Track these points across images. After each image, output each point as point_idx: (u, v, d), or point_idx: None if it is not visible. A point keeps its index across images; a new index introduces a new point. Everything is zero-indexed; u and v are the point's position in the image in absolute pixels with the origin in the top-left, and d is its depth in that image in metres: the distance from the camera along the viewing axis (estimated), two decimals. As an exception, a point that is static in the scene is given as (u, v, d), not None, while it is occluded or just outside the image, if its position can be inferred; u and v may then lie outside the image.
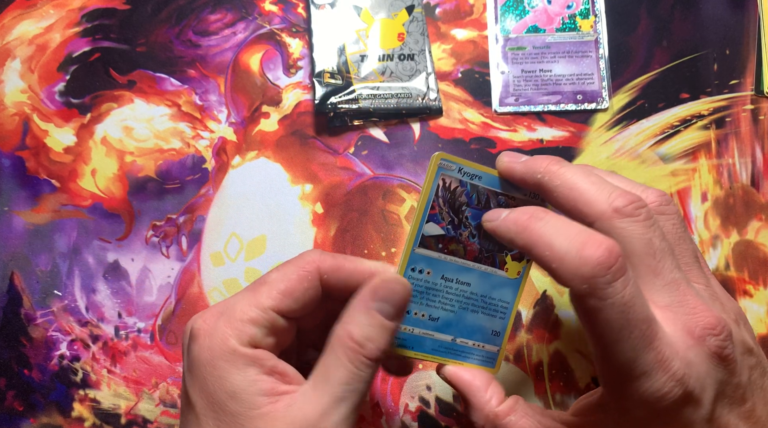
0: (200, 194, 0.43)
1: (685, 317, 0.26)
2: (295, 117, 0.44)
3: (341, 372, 0.27)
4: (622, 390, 0.25)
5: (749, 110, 0.44)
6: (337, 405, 0.27)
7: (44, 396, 0.41)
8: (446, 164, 0.30)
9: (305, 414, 0.26)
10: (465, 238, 0.31)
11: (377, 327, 0.27)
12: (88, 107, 0.44)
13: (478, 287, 0.32)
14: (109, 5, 0.45)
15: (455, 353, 0.32)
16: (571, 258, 0.24)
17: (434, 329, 0.32)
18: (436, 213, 0.31)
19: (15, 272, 0.42)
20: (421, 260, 0.31)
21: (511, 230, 0.27)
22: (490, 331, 0.32)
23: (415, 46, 0.44)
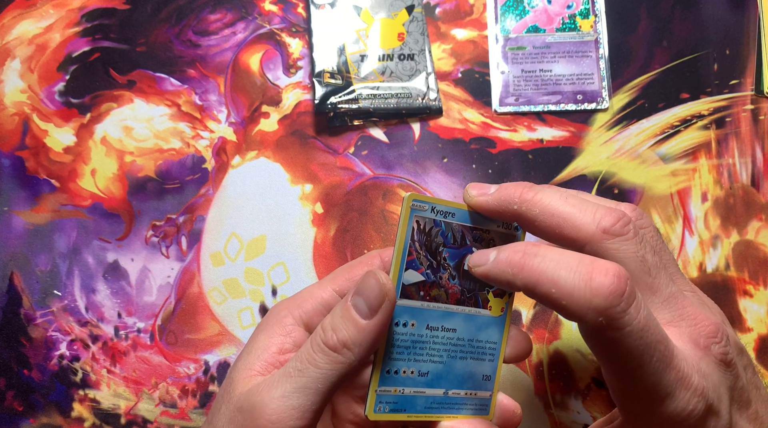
0: (200, 194, 0.43)
1: (689, 329, 0.25)
2: (295, 117, 0.44)
3: (302, 350, 0.27)
4: (647, 416, 0.25)
5: (749, 110, 0.44)
6: (283, 381, 0.27)
7: (44, 396, 0.41)
8: (419, 205, 0.28)
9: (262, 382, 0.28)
10: (445, 281, 0.29)
11: (346, 320, 0.27)
12: (88, 107, 0.44)
13: (464, 331, 0.30)
14: (108, 5, 0.45)
15: (448, 406, 0.30)
16: (581, 292, 0.23)
17: (425, 385, 0.29)
18: (414, 259, 0.29)
19: (15, 272, 0.42)
20: (404, 312, 0.29)
21: (508, 272, 0.25)
22: (481, 376, 0.30)
23: (415, 46, 0.44)
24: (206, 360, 0.41)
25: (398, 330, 0.29)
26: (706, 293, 0.30)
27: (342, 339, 0.27)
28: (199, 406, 0.41)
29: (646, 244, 0.26)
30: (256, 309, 0.42)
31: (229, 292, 0.42)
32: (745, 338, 0.41)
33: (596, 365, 0.41)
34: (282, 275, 0.42)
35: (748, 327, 0.41)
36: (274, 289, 0.42)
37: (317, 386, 0.27)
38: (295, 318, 0.30)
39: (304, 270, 0.42)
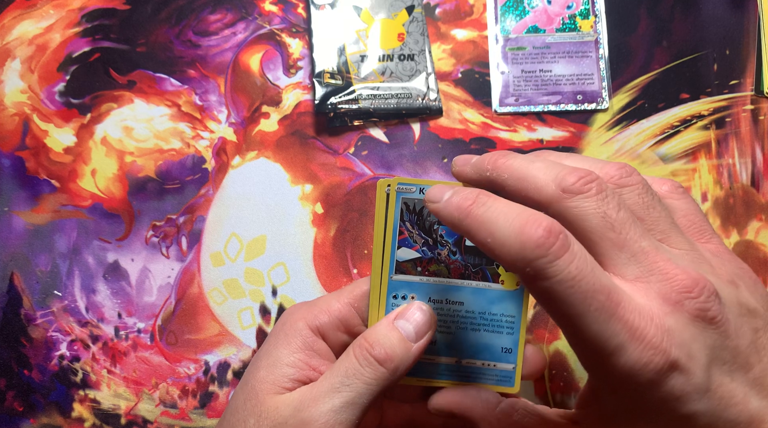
0: (200, 195, 0.43)
1: (658, 285, 0.24)
2: (295, 117, 0.44)
3: (344, 364, 0.29)
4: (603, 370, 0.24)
5: (749, 110, 0.44)
6: (330, 395, 0.28)
7: (44, 397, 0.41)
8: (405, 187, 0.30)
9: (302, 396, 0.29)
10: (445, 257, 0.30)
11: (394, 338, 0.29)
12: (88, 107, 0.44)
13: (473, 304, 0.31)
14: (109, 5, 0.45)
15: (464, 375, 0.31)
16: (511, 243, 0.23)
17: (433, 353, 0.31)
18: (406, 237, 0.30)
19: (15, 272, 0.42)
20: (401, 286, 0.30)
21: (454, 215, 0.25)
22: (500, 348, 0.31)
23: (415, 47, 0.44)
24: (206, 361, 0.41)
25: (396, 302, 0.30)
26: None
27: (390, 354, 0.28)
28: (199, 406, 0.41)
29: (613, 201, 0.25)
30: (256, 309, 0.42)
31: (229, 292, 0.42)
32: (745, 338, 0.41)
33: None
34: (282, 275, 0.42)
35: (748, 327, 0.41)
36: (274, 289, 0.42)
37: (362, 400, 0.28)
38: (312, 330, 0.31)
39: (304, 270, 0.42)
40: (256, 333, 0.41)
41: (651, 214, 0.27)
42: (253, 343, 0.41)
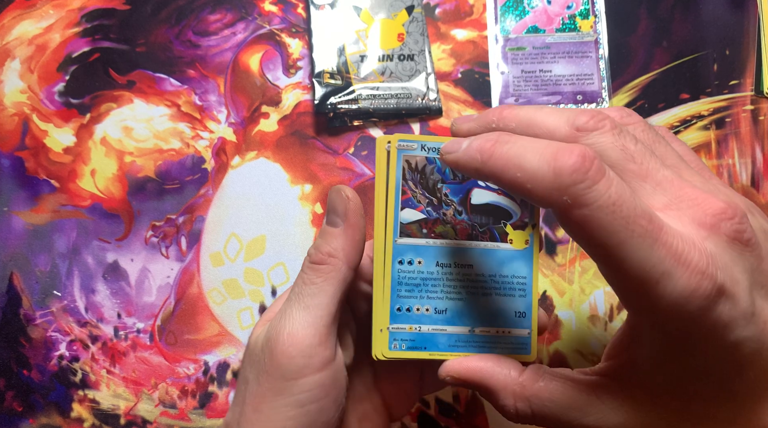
0: (200, 195, 0.43)
1: (690, 210, 0.23)
2: (295, 117, 0.44)
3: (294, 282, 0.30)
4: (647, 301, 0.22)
5: (749, 110, 0.44)
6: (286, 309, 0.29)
7: (43, 397, 0.41)
8: (406, 144, 0.28)
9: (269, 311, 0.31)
10: (451, 217, 0.29)
11: (324, 235, 0.29)
12: (88, 107, 0.44)
13: (483, 266, 0.29)
14: (108, 5, 0.45)
15: (479, 345, 0.29)
16: (544, 173, 0.22)
17: (445, 322, 0.29)
18: (409, 198, 0.28)
19: (14, 272, 0.42)
20: (406, 250, 0.29)
21: (476, 159, 0.24)
22: (513, 313, 0.29)
23: (415, 47, 0.44)
24: (206, 361, 0.41)
25: (402, 268, 0.29)
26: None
27: (325, 251, 0.29)
28: (199, 407, 0.41)
29: (629, 134, 0.25)
30: (256, 310, 0.42)
31: (229, 292, 0.42)
32: (745, 338, 0.41)
33: (596, 365, 0.41)
34: (282, 275, 0.42)
35: (748, 327, 0.41)
36: (274, 289, 0.42)
37: (319, 300, 0.28)
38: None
39: (304, 271, 0.42)
40: (255, 333, 0.41)
41: (659, 149, 0.26)
42: (252, 343, 0.41)
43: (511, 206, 0.29)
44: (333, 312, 0.28)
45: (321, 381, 0.27)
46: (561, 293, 0.42)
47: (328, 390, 0.28)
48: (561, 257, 0.42)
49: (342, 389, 0.29)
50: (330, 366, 0.28)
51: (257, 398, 0.28)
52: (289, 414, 0.27)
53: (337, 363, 0.29)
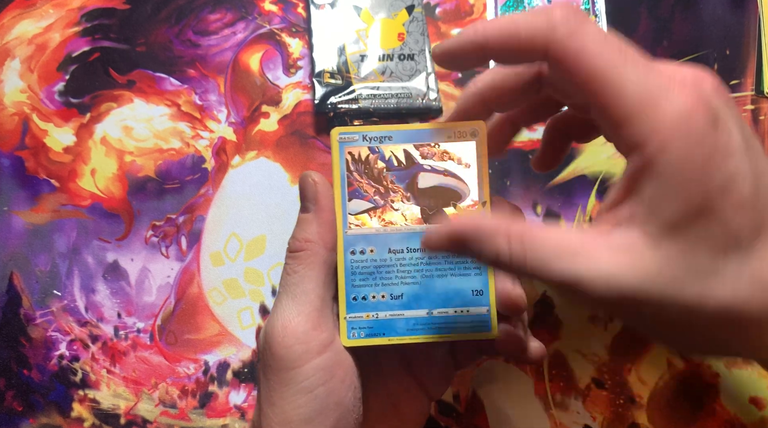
0: (200, 194, 0.43)
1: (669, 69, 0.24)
2: (295, 117, 0.44)
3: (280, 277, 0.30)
4: (648, 127, 0.22)
5: (749, 110, 0.44)
6: (275, 305, 0.29)
7: (43, 396, 0.41)
8: (347, 136, 0.29)
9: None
10: (399, 203, 0.29)
11: (298, 223, 0.30)
12: (88, 107, 0.44)
13: None
14: (108, 5, 0.45)
15: (437, 327, 0.30)
16: (538, 20, 0.23)
17: (401, 307, 0.29)
18: (355, 189, 0.29)
19: (14, 272, 0.42)
20: (358, 240, 0.29)
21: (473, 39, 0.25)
22: (470, 292, 0.30)
23: (415, 46, 0.44)
24: (206, 361, 0.41)
25: (355, 258, 0.29)
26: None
27: (301, 238, 0.29)
28: (199, 406, 0.41)
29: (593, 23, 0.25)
30: (256, 309, 0.42)
31: (229, 292, 0.42)
32: (745, 338, 0.41)
33: (596, 365, 0.41)
34: (282, 275, 0.42)
35: (748, 327, 0.41)
36: (274, 289, 0.42)
37: (304, 287, 0.29)
38: None
39: (304, 270, 0.42)
40: (255, 333, 0.41)
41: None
42: (252, 343, 0.41)
43: (459, 186, 0.30)
44: (321, 295, 0.29)
45: (323, 364, 0.28)
46: (561, 293, 0.42)
47: (332, 371, 0.28)
48: (561, 257, 0.42)
49: (349, 368, 0.29)
50: (330, 348, 0.28)
51: (268, 392, 0.28)
52: (299, 401, 0.28)
53: (336, 343, 0.29)
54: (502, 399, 0.41)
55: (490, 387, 0.41)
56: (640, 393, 0.40)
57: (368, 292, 0.30)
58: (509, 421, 0.40)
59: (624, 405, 0.40)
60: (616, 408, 0.40)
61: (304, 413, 0.27)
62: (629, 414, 0.40)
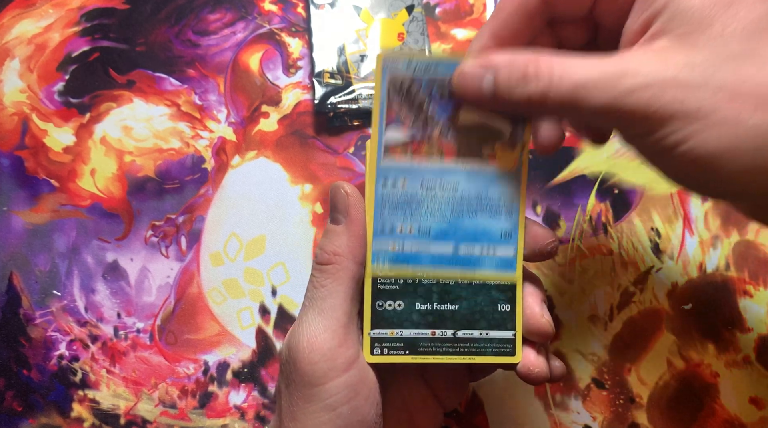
0: (200, 194, 0.43)
1: None
2: (295, 117, 0.44)
3: (306, 288, 0.30)
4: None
5: (749, 110, 0.44)
6: (300, 317, 0.29)
7: (43, 397, 0.41)
8: (392, 62, 0.27)
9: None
10: (436, 137, 0.28)
11: (327, 234, 0.29)
12: (88, 107, 0.44)
13: (469, 188, 0.28)
14: (108, 5, 0.45)
15: (461, 263, 0.29)
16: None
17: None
18: (394, 118, 0.28)
19: (14, 272, 0.42)
20: (391, 170, 0.28)
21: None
22: (499, 233, 0.29)
23: (415, 46, 0.44)
24: (206, 361, 0.41)
25: (385, 189, 0.28)
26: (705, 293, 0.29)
27: (330, 251, 0.28)
28: (199, 406, 0.41)
29: None
30: (256, 309, 0.42)
31: (229, 292, 0.42)
32: (745, 338, 0.41)
33: (596, 365, 0.41)
34: (282, 275, 0.42)
35: (748, 327, 0.41)
36: (274, 289, 0.42)
37: (331, 302, 0.28)
38: None
39: (304, 270, 0.42)
40: (255, 333, 0.41)
41: None
42: (252, 343, 0.41)
43: (500, 125, 0.28)
44: (348, 311, 0.28)
45: (348, 382, 0.28)
46: (561, 293, 0.42)
47: (357, 389, 0.28)
48: (561, 257, 0.42)
49: (373, 385, 0.29)
50: (355, 365, 0.28)
51: (291, 407, 0.28)
52: (322, 419, 0.27)
53: (361, 360, 0.29)
54: (502, 399, 0.41)
55: (490, 387, 0.41)
56: (639, 393, 0.40)
57: (396, 223, 0.29)
58: (509, 421, 0.40)
59: (624, 405, 0.40)
60: (615, 408, 0.40)
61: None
62: (629, 414, 0.40)
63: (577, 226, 0.43)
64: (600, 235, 0.42)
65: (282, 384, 0.29)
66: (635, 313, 0.41)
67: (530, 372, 0.29)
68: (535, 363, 0.29)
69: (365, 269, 0.29)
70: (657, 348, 0.41)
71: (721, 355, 0.41)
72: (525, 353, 0.30)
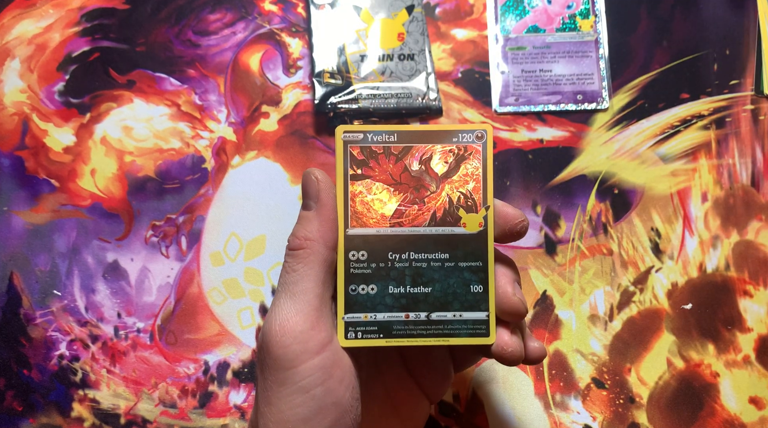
0: (200, 194, 0.43)
1: None
2: (295, 117, 0.44)
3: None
4: None
5: (749, 110, 0.44)
6: (273, 304, 0.29)
7: (43, 396, 0.41)
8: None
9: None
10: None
11: (299, 221, 0.30)
12: (88, 107, 0.44)
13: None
14: (108, 5, 0.45)
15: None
16: None
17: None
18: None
19: (14, 272, 0.42)
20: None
21: None
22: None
23: (415, 46, 0.44)
24: (206, 360, 0.41)
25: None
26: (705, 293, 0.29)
27: (301, 236, 0.29)
28: (199, 406, 0.41)
29: None
30: (256, 309, 0.42)
31: (229, 292, 0.42)
32: (745, 338, 0.41)
33: (596, 365, 0.41)
34: (282, 275, 0.42)
35: (748, 327, 0.41)
36: (274, 289, 0.42)
37: (303, 286, 0.28)
38: None
39: (304, 270, 0.42)
40: (255, 333, 0.41)
41: None
42: (252, 343, 0.41)
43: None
44: (320, 294, 0.29)
45: (321, 364, 0.28)
46: (561, 293, 0.42)
47: (330, 371, 0.28)
48: (561, 257, 0.42)
49: (347, 368, 0.29)
50: (328, 348, 0.28)
51: (265, 392, 0.28)
52: (296, 401, 0.27)
53: (335, 343, 0.29)
54: (502, 399, 0.41)
55: (490, 387, 0.41)
56: (639, 393, 0.40)
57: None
58: (509, 421, 0.40)
59: (624, 405, 0.40)
60: (615, 408, 0.40)
61: (302, 413, 0.27)
62: (629, 414, 0.40)
63: (577, 226, 0.43)
64: (600, 235, 0.42)
65: (258, 371, 0.29)
66: (635, 313, 0.41)
67: (504, 351, 0.30)
68: (509, 343, 0.30)
69: (337, 254, 0.29)
70: (657, 348, 0.41)
71: (721, 355, 0.41)
72: (499, 333, 0.30)
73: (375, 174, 0.29)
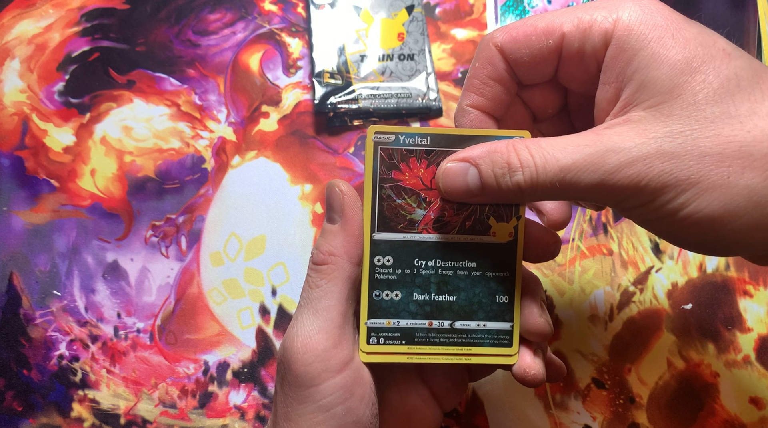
0: (200, 194, 0.43)
1: None
2: (295, 117, 0.44)
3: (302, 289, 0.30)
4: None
5: (749, 110, 0.44)
6: (295, 318, 0.29)
7: (43, 397, 0.41)
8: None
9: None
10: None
11: (323, 234, 0.29)
12: (88, 107, 0.44)
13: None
14: (108, 5, 0.45)
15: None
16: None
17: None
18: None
19: (14, 272, 0.42)
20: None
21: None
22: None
23: (415, 46, 0.44)
24: (206, 361, 0.41)
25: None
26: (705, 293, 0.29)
27: (325, 251, 0.28)
28: (199, 406, 0.41)
29: None
30: (256, 309, 0.42)
31: (229, 292, 0.42)
32: (745, 338, 0.41)
33: (596, 365, 0.41)
34: (282, 275, 0.42)
35: (748, 327, 0.41)
36: (274, 289, 0.42)
37: (326, 303, 0.28)
38: None
39: (304, 270, 0.42)
40: (255, 333, 0.41)
41: None
42: (252, 343, 0.41)
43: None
44: (343, 312, 0.28)
45: (342, 383, 0.27)
46: (561, 293, 0.42)
47: (351, 389, 0.28)
48: (561, 257, 0.42)
49: (368, 385, 0.29)
50: (349, 366, 0.28)
51: (285, 407, 0.28)
52: (317, 419, 0.27)
53: (356, 361, 0.29)
54: (502, 399, 0.41)
55: (490, 387, 0.41)
56: (639, 393, 0.40)
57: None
58: (509, 421, 0.40)
59: (624, 405, 0.40)
60: (616, 408, 0.40)
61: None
62: (629, 414, 0.40)
63: (577, 226, 0.43)
64: (600, 235, 0.42)
65: (277, 385, 0.29)
66: (635, 313, 0.41)
67: (526, 374, 0.29)
68: (532, 366, 0.29)
69: (363, 260, 0.29)
70: (657, 348, 0.41)
71: (721, 355, 0.41)
72: (522, 354, 0.29)
73: (405, 178, 0.28)
